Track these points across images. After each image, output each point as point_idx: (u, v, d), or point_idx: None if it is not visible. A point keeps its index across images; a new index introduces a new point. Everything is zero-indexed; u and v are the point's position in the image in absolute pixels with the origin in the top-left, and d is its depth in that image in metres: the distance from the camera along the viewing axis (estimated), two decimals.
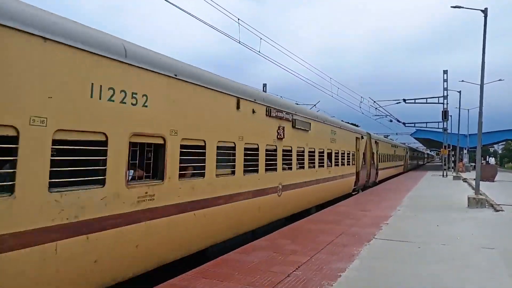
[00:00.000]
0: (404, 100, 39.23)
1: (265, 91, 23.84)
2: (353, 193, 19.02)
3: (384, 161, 29.25)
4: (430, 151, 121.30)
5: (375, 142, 25.24)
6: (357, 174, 19.89)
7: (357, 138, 20.19)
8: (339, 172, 16.49)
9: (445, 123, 37.97)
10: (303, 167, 12.24)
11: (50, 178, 4.22)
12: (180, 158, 6.30)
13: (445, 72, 37.35)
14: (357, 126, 23.33)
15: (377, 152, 25.54)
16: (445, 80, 37.18)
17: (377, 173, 25.68)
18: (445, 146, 39.21)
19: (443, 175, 35.53)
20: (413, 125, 46.05)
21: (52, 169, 4.24)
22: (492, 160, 43.08)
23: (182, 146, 6.37)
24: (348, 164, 18.12)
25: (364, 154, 21.42)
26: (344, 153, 17.28)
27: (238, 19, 12.72)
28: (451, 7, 17.67)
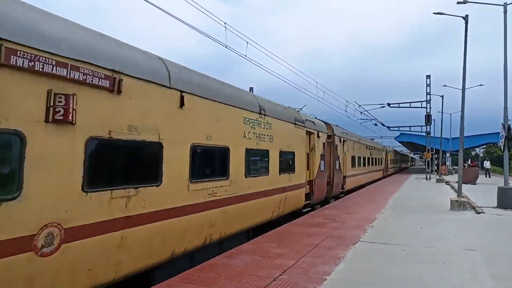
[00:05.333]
0: (389, 104, 39.88)
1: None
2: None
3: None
4: (414, 154, 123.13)
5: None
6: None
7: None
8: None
9: (428, 126, 38.71)
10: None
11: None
12: None
13: (428, 77, 38.14)
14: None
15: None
16: (428, 85, 37.97)
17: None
18: (428, 150, 39.91)
19: (426, 178, 36.12)
20: (397, 128, 46.91)
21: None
22: (487, 164, 43.48)
23: None
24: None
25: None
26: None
27: (225, 23, 12.73)
28: (434, 13, 18.05)
